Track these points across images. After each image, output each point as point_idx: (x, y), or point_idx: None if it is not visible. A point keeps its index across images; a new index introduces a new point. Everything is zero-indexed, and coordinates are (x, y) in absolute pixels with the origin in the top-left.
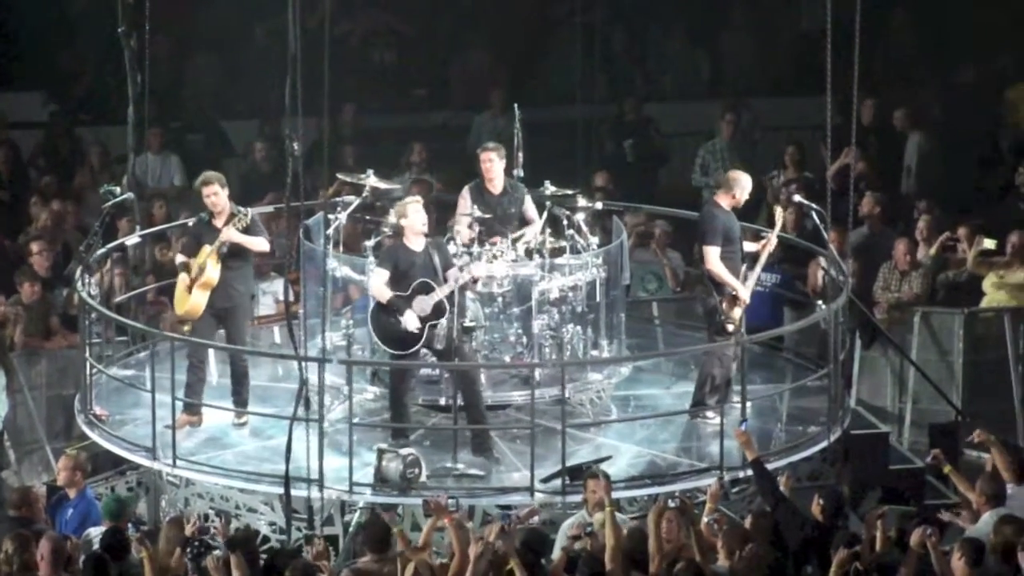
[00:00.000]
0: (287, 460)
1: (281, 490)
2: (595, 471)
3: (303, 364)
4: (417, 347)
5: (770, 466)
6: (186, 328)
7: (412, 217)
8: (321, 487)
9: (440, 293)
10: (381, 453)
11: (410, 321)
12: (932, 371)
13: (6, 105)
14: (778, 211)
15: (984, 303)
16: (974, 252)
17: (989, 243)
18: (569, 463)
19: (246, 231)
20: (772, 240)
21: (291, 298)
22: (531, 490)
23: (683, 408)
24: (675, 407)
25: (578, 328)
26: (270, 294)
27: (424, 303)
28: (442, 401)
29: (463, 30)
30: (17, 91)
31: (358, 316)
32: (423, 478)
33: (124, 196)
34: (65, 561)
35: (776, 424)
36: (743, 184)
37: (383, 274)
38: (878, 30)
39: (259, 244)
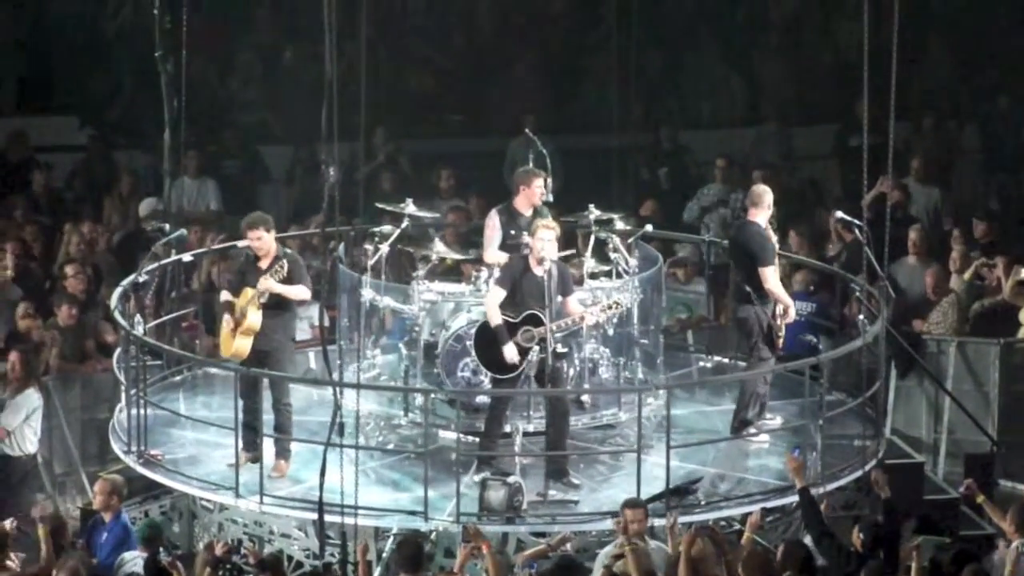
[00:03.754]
0: (320, 486)
1: (315, 515)
2: (636, 500)
3: (338, 390)
4: (518, 373)
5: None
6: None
7: (538, 241)
8: (356, 514)
9: (547, 330)
10: (485, 482)
11: (510, 354)
12: (968, 401)
13: (42, 128)
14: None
15: (1021, 334)
16: (1012, 281)
17: None
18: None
19: (287, 278)
20: None
21: (327, 323)
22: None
23: (727, 427)
24: (718, 428)
25: (607, 351)
26: (306, 319)
27: (529, 335)
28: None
29: (502, 57)
30: (53, 115)
31: (390, 342)
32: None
33: (177, 234)
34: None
35: (812, 453)
36: (769, 196)
37: (499, 293)
38: (914, 57)
39: (299, 293)
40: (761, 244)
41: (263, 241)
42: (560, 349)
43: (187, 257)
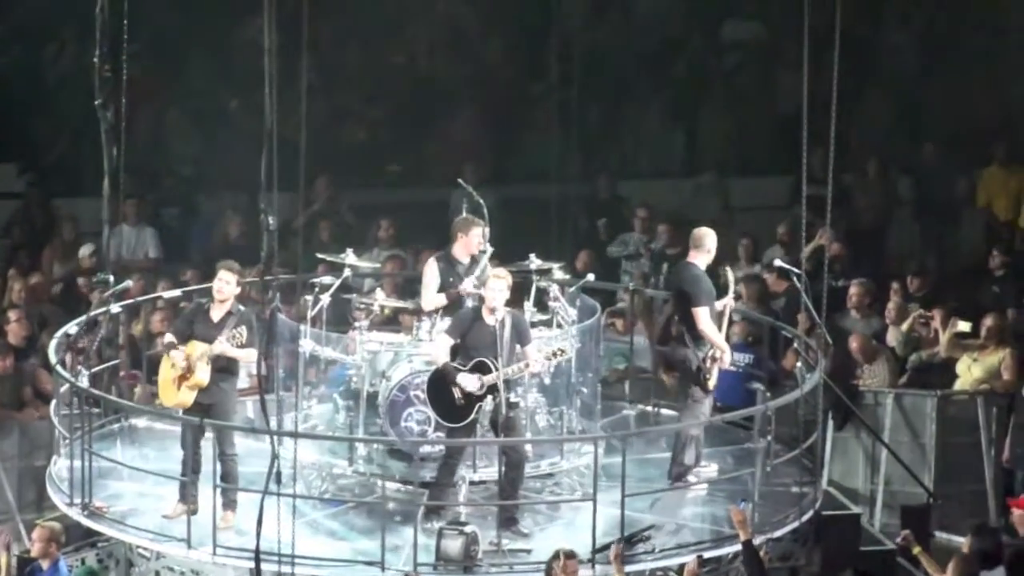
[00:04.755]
0: (258, 535)
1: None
2: (569, 551)
3: (274, 439)
4: (469, 420)
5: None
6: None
7: (489, 291)
8: (293, 563)
9: (494, 378)
10: (442, 531)
11: (468, 383)
12: (904, 453)
13: None
14: (728, 272)
15: (958, 385)
16: (948, 334)
17: (964, 325)
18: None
19: (243, 343)
20: (729, 303)
21: (263, 372)
22: (592, 561)
23: (662, 475)
24: (653, 476)
25: (544, 399)
26: (243, 367)
27: (473, 382)
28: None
29: (440, 108)
30: None
31: (326, 392)
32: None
33: (122, 285)
34: None
35: (748, 504)
36: (711, 239)
37: (447, 341)
38: (853, 108)
39: (250, 357)
40: (695, 284)
41: (229, 286)
42: (512, 399)
43: (125, 305)
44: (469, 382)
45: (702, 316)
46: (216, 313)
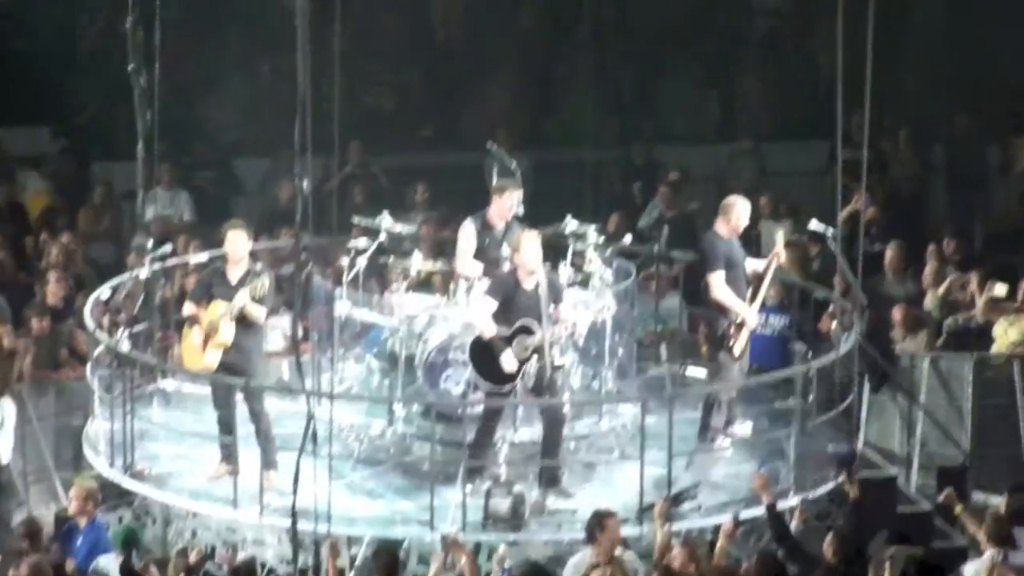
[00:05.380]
0: (294, 493)
1: (285, 522)
2: (612, 511)
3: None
4: (513, 384)
5: (779, 507)
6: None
7: (525, 253)
8: (329, 521)
9: (540, 339)
10: (489, 491)
11: (508, 363)
12: (941, 415)
13: (14, 139)
14: (779, 232)
15: (994, 349)
16: (985, 297)
17: (1001, 289)
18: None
19: (261, 298)
20: (780, 254)
21: (299, 334)
22: (640, 519)
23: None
24: (687, 436)
25: (579, 360)
26: (278, 329)
27: (523, 345)
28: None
29: (475, 73)
30: (25, 125)
31: (362, 353)
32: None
33: (163, 250)
34: None
35: (783, 465)
36: (739, 209)
37: (491, 304)
38: (890, 74)
39: (261, 315)
40: (709, 251)
41: (240, 246)
42: (558, 362)
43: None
44: (509, 361)
45: (714, 283)
46: (234, 274)
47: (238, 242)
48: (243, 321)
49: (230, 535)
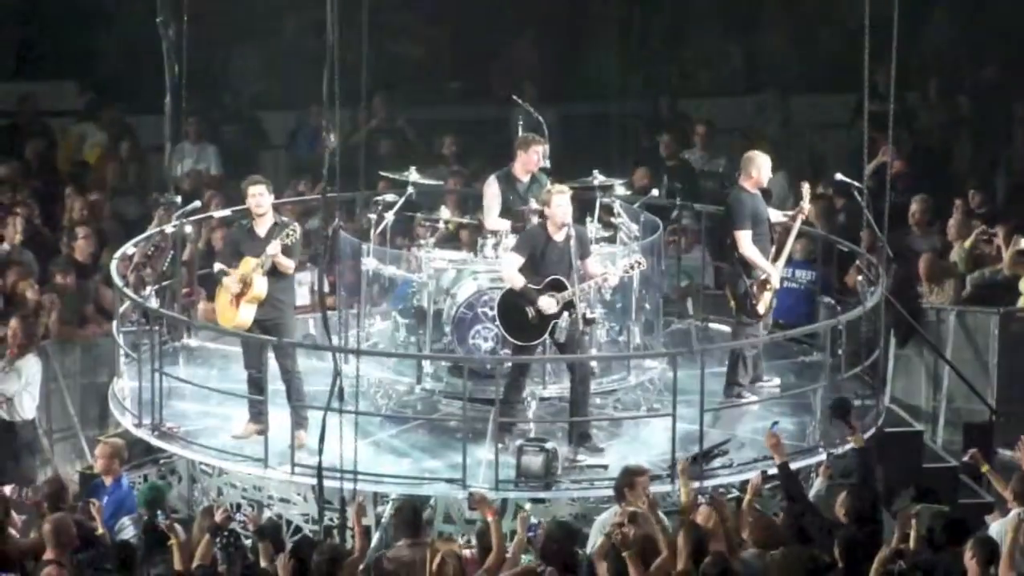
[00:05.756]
0: (320, 451)
1: (314, 480)
2: (642, 468)
3: (337, 356)
4: (541, 339)
5: (805, 462)
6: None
7: (555, 207)
8: (355, 479)
9: (571, 293)
10: (522, 448)
11: (547, 305)
12: (967, 370)
13: (41, 93)
14: (805, 186)
15: (1021, 302)
16: (1011, 251)
17: None
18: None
19: (289, 250)
20: (805, 208)
21: (326, 289)
22: (672, 476)
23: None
24: (715, 391)
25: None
26: (305, 285)
27: (553, 300)
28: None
29: (501, 26)
30: (52, 79)
31: (389, 307)
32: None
33: (193, 205)
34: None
35: (810, 421)
36: (760, 163)
37: (517, 260)
38: (917, 26)
39: (290, 266)
40: (738, 208)
41: (263, 198)
42: (590, 315)
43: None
44: (548, 304)
45: (742, 240)
46: (261, 228)
47: (260, 197)
48: (275, 273)
49: (256, 493)
